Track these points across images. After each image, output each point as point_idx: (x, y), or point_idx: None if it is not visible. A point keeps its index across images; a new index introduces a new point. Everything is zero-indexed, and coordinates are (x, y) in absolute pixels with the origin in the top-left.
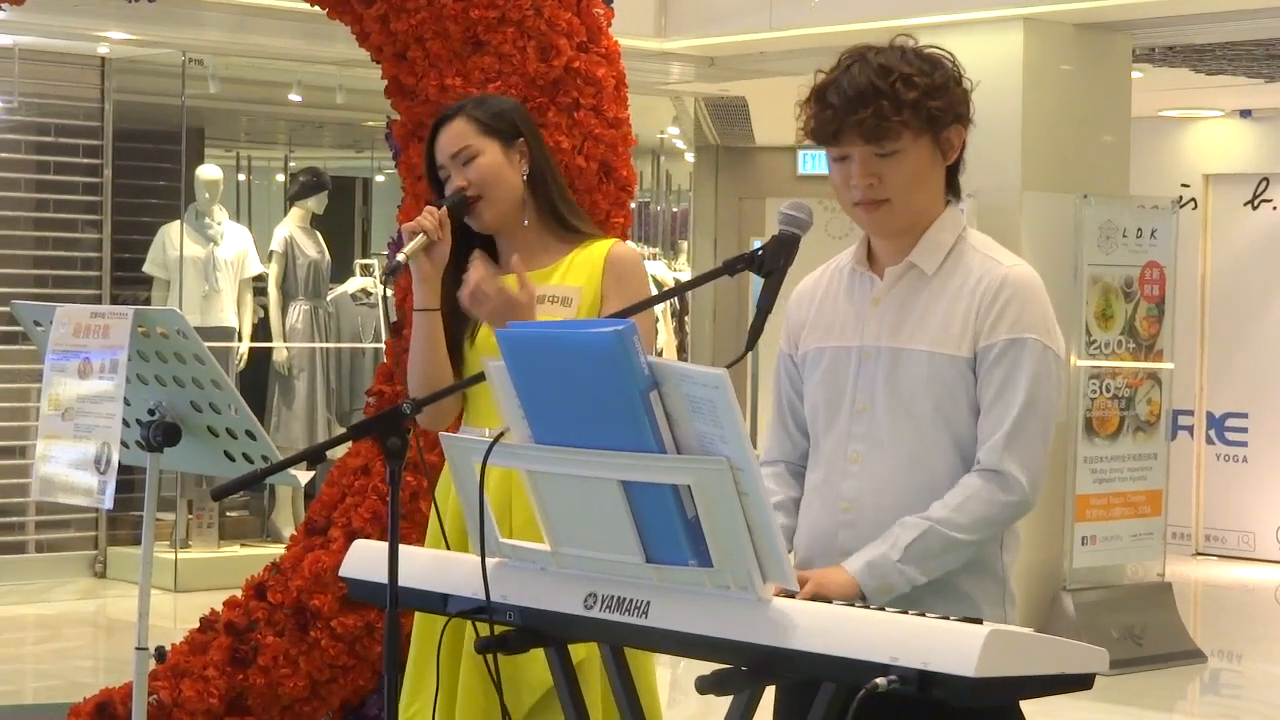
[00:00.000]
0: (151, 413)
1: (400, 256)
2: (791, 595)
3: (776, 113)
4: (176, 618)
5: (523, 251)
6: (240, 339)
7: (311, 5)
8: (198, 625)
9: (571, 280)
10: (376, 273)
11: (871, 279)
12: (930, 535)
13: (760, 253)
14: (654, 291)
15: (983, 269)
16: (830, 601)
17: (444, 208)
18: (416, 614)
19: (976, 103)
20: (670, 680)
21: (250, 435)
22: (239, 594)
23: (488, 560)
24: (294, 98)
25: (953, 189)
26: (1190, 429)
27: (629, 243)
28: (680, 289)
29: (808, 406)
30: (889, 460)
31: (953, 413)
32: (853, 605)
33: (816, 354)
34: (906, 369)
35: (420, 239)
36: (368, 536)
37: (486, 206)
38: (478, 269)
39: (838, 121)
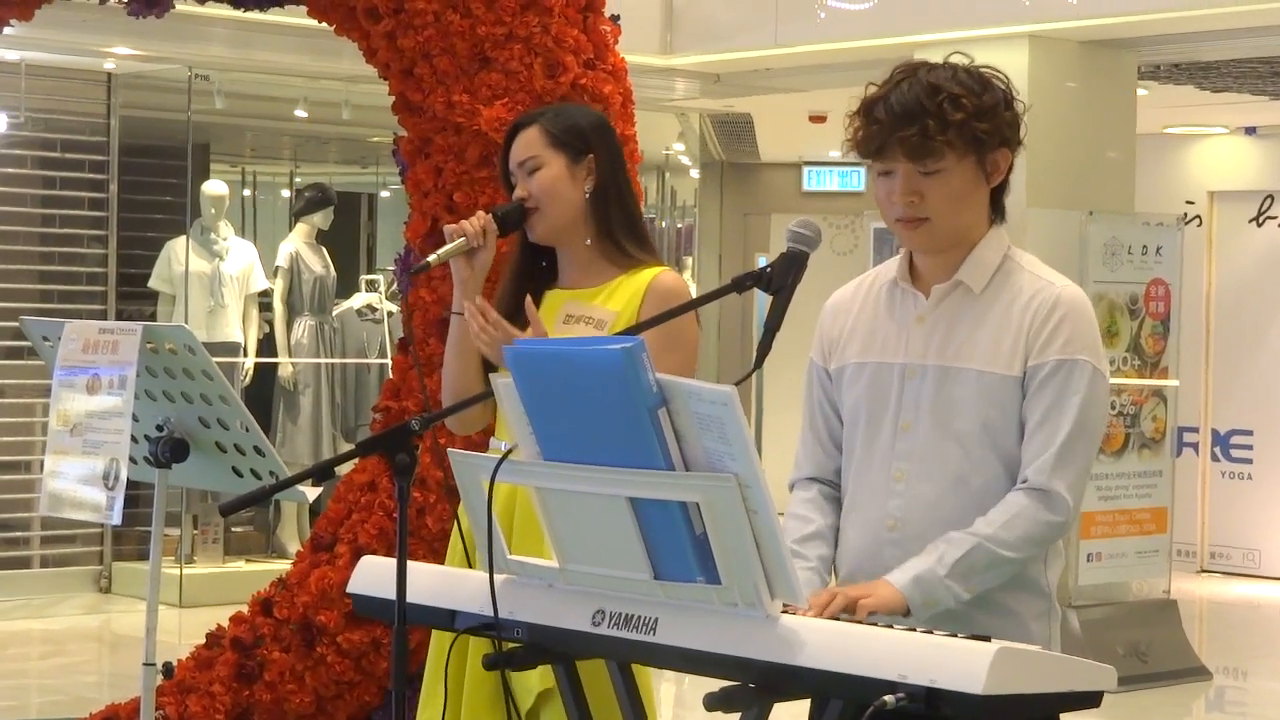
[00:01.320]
0: (160, 429)
1: (431, 258)
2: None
3: (781, 129)
4: (181, 633)
5: (578, 267)
6: (245, 354)
7: (319, 22)
8: (203, 641)
9: (612, 304)
10: (382, 288)
11: (915, 296)
12: (977, 552)
13: (768, 270)
14: (697, 319)
15: (1034, 288)
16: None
17: (492, 215)
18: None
19: None
20: (675, 697)
21: (258, 451)
22: (245, 610)
23: (496, 577)
24: (300, 113)
25: (997, 210)
26: (1195, 446)
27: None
28: (688, 306)
29: (846, 421)
30: (935, 479)
31: (1001, 432)
32: (890, 625)
33: (856, 369)
34: (955, 387)
35: (458, 243)
36: (374, 552)
37: (540, 219)
38: (477, 316)
39: (883, 137)
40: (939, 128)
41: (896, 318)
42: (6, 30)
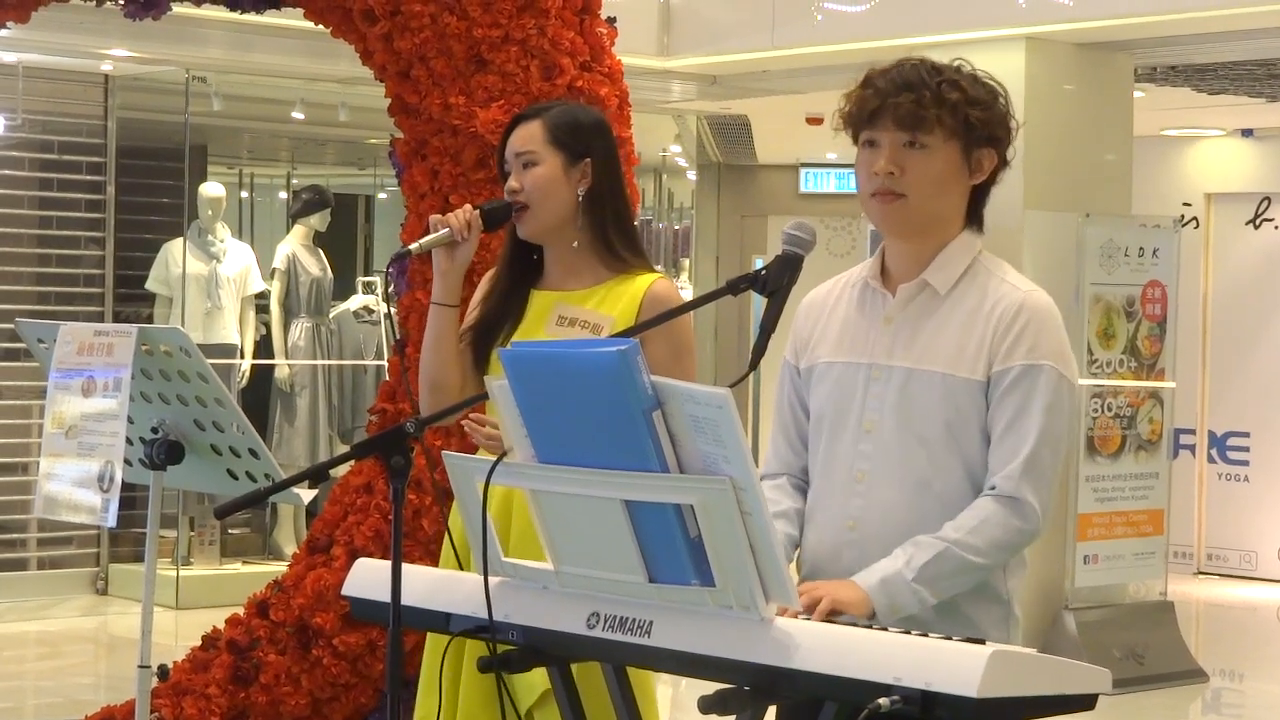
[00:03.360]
0: (155, 431)
1: (413, 246)
2: (797, 614)
3: (779, 131)
4: (178, 635)
5: (566, 268)
6: (242, 356)
7: (315, 24)
8: (199, 643)
9: (606, 309)
10: (379, 290)
11: (884, 296)
12: (945, 557)
13: (764, 272)
14: (692, 326)
15: (999, 293)
16: (838, 619)
17: (479, 211)
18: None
19: None
20: (671, 699)
21: (253, 453)
22: (241, 612)
23: (490, 579)
24: (297, 115)
25: (975, 218)
26: (1192, 448)
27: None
28: (684, 308)
29: (812, 419)
30: (896, 481)
31: (963, 435)
32: (856, 625)
33: (825, 368)
34: (918, 390)
35: (442, 234)
36: (370, 555)
37: (530, 217)
38: (479, 430)
39: (878, 100)
40: (933, 100)
41: (866, 317)
42: (3, 32)
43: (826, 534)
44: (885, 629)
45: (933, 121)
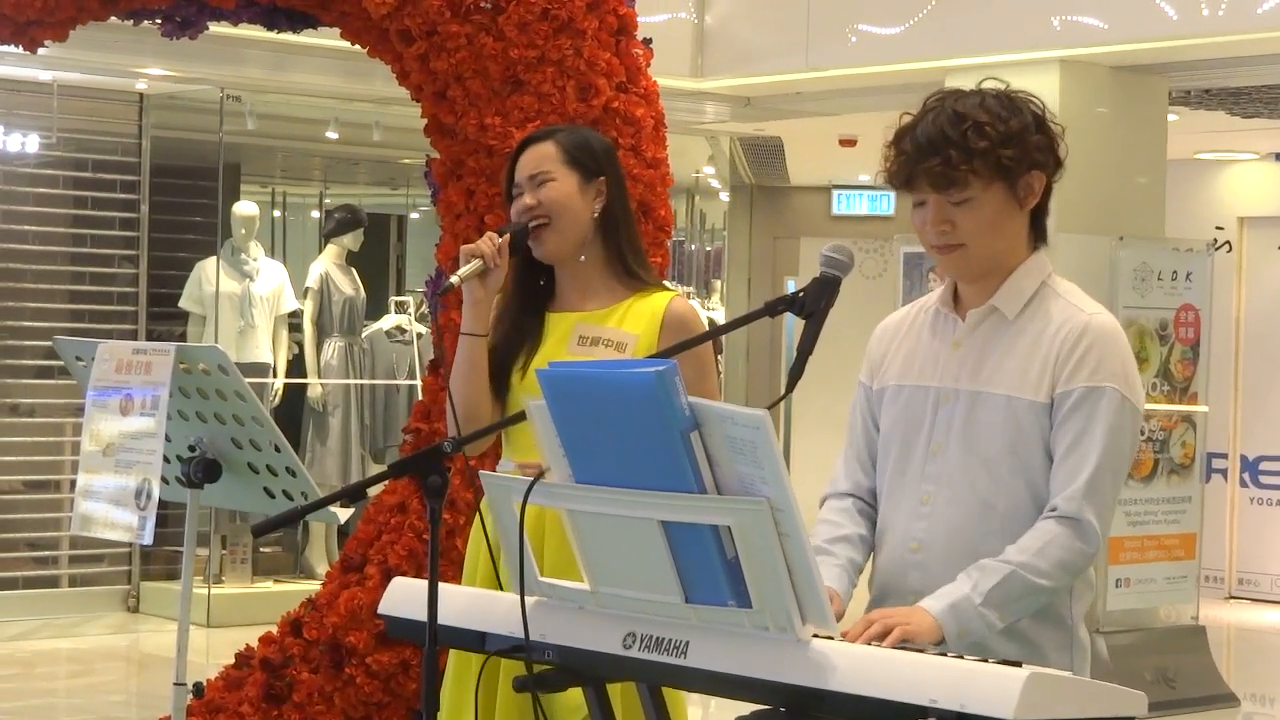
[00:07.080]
0: (192, 449)
1: (454, 279)
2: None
3: (812, 153)
4: (210, 653)
5: (580, 289)
6: (275, 375)
7: (351, 44)
8: (230, 661)
9: (629, 327)
10: (411, 310)
11: (955, 321)
12: (1012, 580)
13: (801, 295)
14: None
15: (1065, 315)
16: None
17: (506, 235)
18: (452, 650)
19: None
20: None
21: (290, 472)
22: (273, 630)
23: (527, 599)
24: (330, 135)
25: (1038, 233)
26: (1224, 472)
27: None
28: (721, 330)
29: (881, 442)
30: (961, 503)
31: (1028, 457)
32: (921, 650)
33: (895, 390)
34: (984, 412)
35: (476, 264)
36: (404, 574)
37: (551, 233)
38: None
39: (909, 168)
40: (962, 157)
41: (936, 342)
42: (39, 50)
43: (893, 556)
44: (922, 650)
45: (966, 176)
